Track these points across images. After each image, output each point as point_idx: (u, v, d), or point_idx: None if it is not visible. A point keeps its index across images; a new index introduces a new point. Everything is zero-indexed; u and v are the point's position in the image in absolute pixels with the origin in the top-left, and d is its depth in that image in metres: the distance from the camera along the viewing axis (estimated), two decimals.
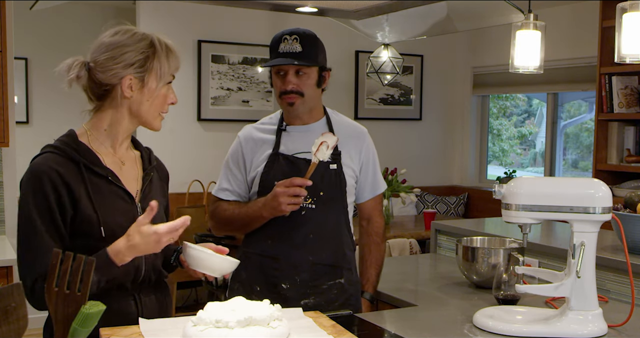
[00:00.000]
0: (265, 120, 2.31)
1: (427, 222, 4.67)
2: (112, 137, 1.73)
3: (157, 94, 1.70)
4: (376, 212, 2.35)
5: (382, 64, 5.03)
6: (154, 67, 1.67)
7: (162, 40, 1.71)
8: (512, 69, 3.03)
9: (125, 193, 1.70)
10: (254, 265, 2.20)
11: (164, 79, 1.70)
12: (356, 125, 2.35)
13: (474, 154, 6.25)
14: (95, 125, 1.74)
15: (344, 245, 2.23)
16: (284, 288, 2.14)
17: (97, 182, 1.66)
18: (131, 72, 1.66)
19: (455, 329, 1.88)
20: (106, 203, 1.65)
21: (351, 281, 2.23)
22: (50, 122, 5.32)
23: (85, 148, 1.68)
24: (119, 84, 1.67)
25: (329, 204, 2.18)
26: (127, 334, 1.54)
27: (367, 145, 2.32)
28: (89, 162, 1.66)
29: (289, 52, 2.12)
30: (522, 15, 2.49)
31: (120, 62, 1.65)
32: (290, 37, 2.13)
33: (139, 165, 1.81)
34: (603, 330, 1.80)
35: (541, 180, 2.07)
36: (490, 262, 2.29)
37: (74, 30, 5.41)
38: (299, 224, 2.15)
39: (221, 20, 5.16)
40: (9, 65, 3.30)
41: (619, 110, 4.28)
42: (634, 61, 2.28)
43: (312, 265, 2.16)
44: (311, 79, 2.16)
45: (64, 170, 1.61)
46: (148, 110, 1.71)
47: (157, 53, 1.68)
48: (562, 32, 5.02)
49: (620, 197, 2.47)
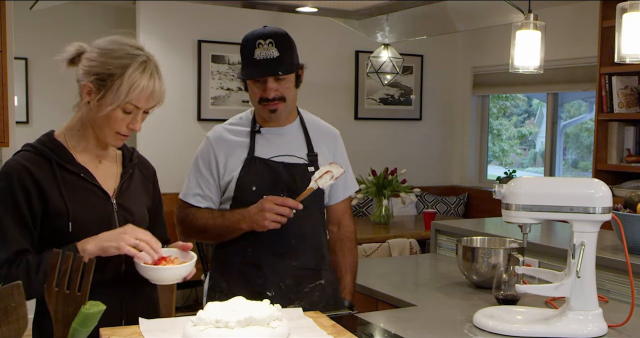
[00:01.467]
0: (235, 120, 2.22)
1: (427, 222, 4.67)
2: (85, 139, 1.75)
3: (112, 114, 1.67)
4: (346, 216, 2.30)
5: (382, 64, 5.03)
6: (113, 86, 1.64)
7: (148, 72, 1.66)
8: (512, 69, 3.03)
9: (100, 190, 1.72)
10: (234, 274, 2.12)
11: (119, 104, 1.65)
12: (328, 126, 2.30)
13: (474, 154, 6.25)
14: (71, 124, 1.77)
15: (323, 247, 2.21)
16: (269, 296, 2.07)
17: (70, 179, 1.69)
18: (92, 79, 1.66)
19: (455, 329, 1.88)
20: (78, 199, 1.68)
21: (329, 281, 2.20)
22: (50, 122, 5.26)
23: (60, 146, 1.72)
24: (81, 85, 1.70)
25: (309, 208, 2.11)
26: (127, 334, 1.54)
27: (340, 146, 2.29)
28: (61, 160, 1.69)
29: (267, 59, 2.03)
30: (522, 15, 2.49)
31: (90, 66, 1.67)
32: (264, 41, 2.04)
33: (119, 163, 1.82)
34: (603, 330, 1.80)
35: (541, 180, 2.07)
36: (490, 262, 2.28)
37: (74, 30, 5.40)
38: (281, 231, 2.04)
39: (221, 20, 5.16)
40: (9, 65, 3.30)
41: (619, 110, 4.28)
42: (634, 61, 2.28)
43: (295, 270, 2.12)
44: (291, 82, 2.09)
45: (34, 167, 1.65)
46: (100, 125, 1.70)
47: (124, 77, 1.64)
48: (562, 32, 5.02)
49: (620, 197, 2.47)
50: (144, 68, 1.66)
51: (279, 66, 2.04)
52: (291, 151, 2.15)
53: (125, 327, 1.59)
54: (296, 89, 2.14)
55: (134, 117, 1.70)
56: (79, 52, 1.71)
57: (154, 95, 1.69)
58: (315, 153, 2.18)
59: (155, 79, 1.68)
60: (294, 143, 2.17)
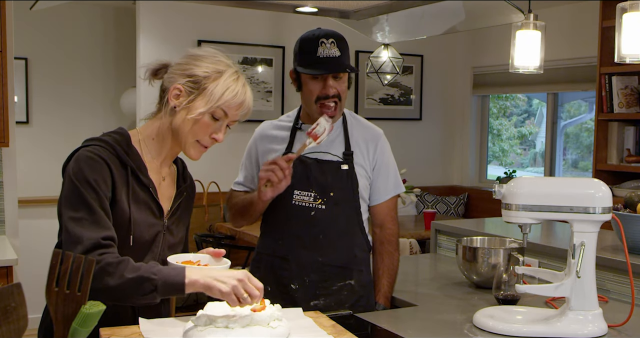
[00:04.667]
0: (284, 117, 2.32)
1: (427, 222, 4.67)
2: (158, 150, 1.71)
3: (200, 119, 1.63)
4: (389, 218, 2.29)
5: (382, 64, 5.03)
6: (207, 88, 1.62)
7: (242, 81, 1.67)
8: (512, 69, 3.03)
9: (158, 208, 1.68)
10: (266, 265, 2.21)
11: (211, 107, 1.62)
12: (372, 126, 2.35)
13: (474, 154, 6.25)
14: (147, 131, 1.71)
15: (355, 247, 2.21)
16: (293, 288, 2.15)
17: (138, 190, 1.64)
18: (183, 82, 1.64)
19: (455, 329, 1.88)
20: (141, 213, 1.63)
21: (361, 282, 2.21)
22: (50, 122, 5.32)
23: (137, 154, 1.66)
24: (170, 89, 1.65)
25: (340, 205, 2.17)
26: (127, 334, 1.54)
27: (382, 146, 2.30)
28: (137, 169, 1.64)
29: (329, 57, 2.11)
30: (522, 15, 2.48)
31: (183, 70, 1.65)
32: (327, 40, 2.12)
33: (174, 182, 1.79)
34: (603, 330, 1.80)
35: (541, 180, 2.07)
36: (490, 262, 2.29)
37: (74, 30, 5.41)
38: (309, 225, 2.15)
39: (221, 20, 5.16)
40: (9, 65, 3.30)
41: (619, 110, 4.28)
42: (634, 61, 2.28)
43: (321, 266, 2.16)
44: (346, 82, 2.18)
45: (113, 166, 1.59)
46: (186, 130, 1.65)
47: (219, 80, 1.63)
48: (562, 32, 5.02)
49: (620, 197, 2.47)
50: (237, 76, 1.67)
51: (343, 65, 2.12)
52: (327, 148, 2.19)
53: (125, 327, 1.59)
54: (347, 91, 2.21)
55: (219, 127, 1.67)
56: (162, 65, 1.71)
57: (244, 105, 1.68)
58: (351, 151, 2.21)
59: (247, 90, 1.68)
60: (331, 141, 2.20)
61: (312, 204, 2.13)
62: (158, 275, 1.48)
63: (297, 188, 2.14)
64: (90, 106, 5.46)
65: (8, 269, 3.00)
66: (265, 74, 5.32)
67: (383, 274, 2.25)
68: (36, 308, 1.72)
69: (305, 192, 2.16)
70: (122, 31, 5.57)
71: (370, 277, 2.26)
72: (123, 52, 5.54)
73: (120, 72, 5.57)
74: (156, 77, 1.72)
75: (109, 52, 5.57)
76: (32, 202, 4.89)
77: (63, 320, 1.38)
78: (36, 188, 5.03)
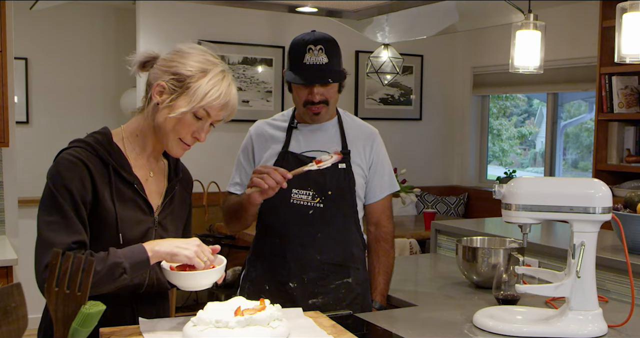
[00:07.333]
0: (278, 116, 2.32)
1: (427, 222, 4.67)
2: (142, 146, 1.70)
3: (182, 118, 1.61)
4: (384, 216, 2.30)
5: (382, 64, 5.03)
6: (190, 88, 1.60)
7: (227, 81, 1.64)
8: (512, 69, 3.03)
9: (146, 204, 1.68)
10: (263, 264, 2.21)
11: (193, 107, 1.60)
12: (367, 125, 2.35)
13: (474, 154, 6.25)
14: (131, 128, 1.71)
15: (352, 245, 2.23)
16: (291, 287, 2.15)
17: (122, 187, 1.63)
18: (167, 79, 1.62)
19: (455, 329, 1.88)
20: (127, 211, 1.63)
21: (359, 280, 2.23)
22: (50, 122, 5.32)
23: (118, 151, 1.65)
24: (153, 85, 1.64)
25: (337, 203, 2.18)
26: (127, 334, 1.54)
27: (377, 145, 2.31)
28: (119, 167, 1.63)
29: (316, 65, 2.10)
30: (522, 15, 2.48)
31: (168, 66, 1.63)
32: (315, 47, 2.10)
33: (165, 177, 1.77)
34: (603, 330, 1.80)
35: (541, 180, 2.07)
36: (490, 262, 2.29)
37: (74, 30, 5.41)
38: (307, 223, 2.16)
39: (221, 20, 5.16)
40: (9, 65, 3.30)
41: (619, 110, 4.28)
42: (634, 61, 2.28)
43: (319, 264, 2.17)
44: (335, 88, 2.17)
45: (91, 164, 1.59)
46: (168, 129, 1.63)
47: (203, 80, 1.60)
48: (562, 32, 5.02)
49: (620, 197, 2.47)
50: (223, 76, 1.64)
51: (328, 73, 2.11)
52: (324, 147, 2.19)
53: (125, 327, 1.59)
54: (338, 94, 2.21)
55: (201, 126, 1.65)
56: (151, 57, 1.68)
57: (228, 106, 1.65)
58: (348, 150, 2.21)
59: (232, 89, 1.65)
60: (328, 140, 2.22)
61: (310, 203, 2.14)
62: (123, 258, 1.53)
63: (295, 187, 2.15)
64: (90, 106, 5.46)
65: (8, 269, 3.00)
66: (265, 74, 5.32)
67: (379, 272, 2.27)
68: (36, 308, 1.72)
69: (303, 190, 2.16)
70: (122, 31, 5.57)
71: (366, 274, 2.27)
72: (123, 52, 5.54)
73: (120, 72, 5.56)
74: (144, 69, 1.70)
75: (109, 52, 5.57)
76: (32, 202, 4.87)
77: (63, 320, 1.38)
78: (36, 188, 5.00)
